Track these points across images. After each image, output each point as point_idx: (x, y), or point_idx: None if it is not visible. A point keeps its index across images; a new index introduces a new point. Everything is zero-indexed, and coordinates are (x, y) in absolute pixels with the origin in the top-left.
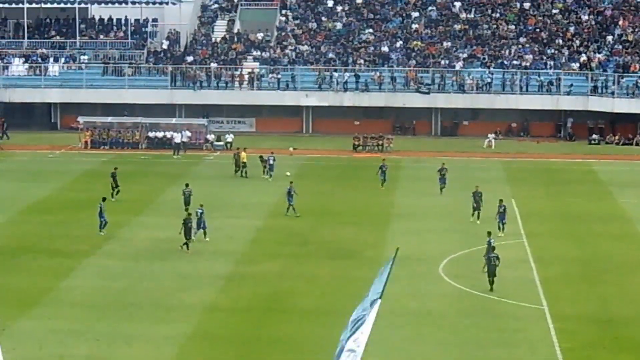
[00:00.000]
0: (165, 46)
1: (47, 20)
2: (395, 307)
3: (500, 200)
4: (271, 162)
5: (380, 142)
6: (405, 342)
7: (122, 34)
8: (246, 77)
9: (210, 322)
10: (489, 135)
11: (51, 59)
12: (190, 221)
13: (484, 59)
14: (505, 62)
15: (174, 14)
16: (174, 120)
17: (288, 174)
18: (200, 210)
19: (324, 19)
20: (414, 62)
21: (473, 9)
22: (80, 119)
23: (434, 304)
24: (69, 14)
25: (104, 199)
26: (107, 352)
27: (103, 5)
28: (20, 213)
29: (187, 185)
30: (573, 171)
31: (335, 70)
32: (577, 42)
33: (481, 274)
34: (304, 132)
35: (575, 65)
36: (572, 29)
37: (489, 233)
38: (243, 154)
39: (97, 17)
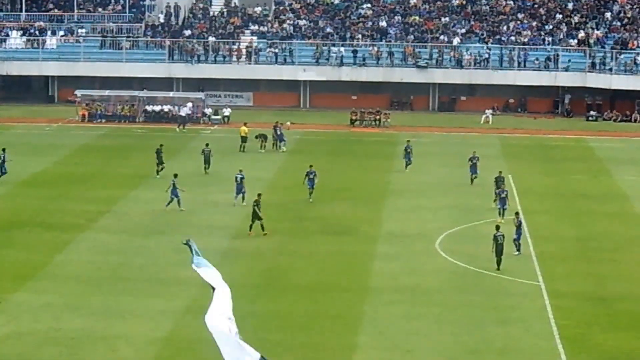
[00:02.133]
0: (162, 20)
1: None
2: (391, 283)
3: (503, 185)
4: (279, 132)
5: (378, 117)
6: (400, 318)
7: (120, 7)
8: (244, 51)
9: (205, 297)
10: (487, 111)
11: (49, 32)
12: (259, 204)
13: (482, 34)
14: (503, 38)
15: None
16: (171, 94)
17: (284, 149)
18: (241, 176)
19: None
20: (412, 37)
21: None
22: (78, 92)
23: (430, 280)
24: None
25: (175, 175)
26: (102, 326)
27: None
28: (16, 186)
29: (207, 145)
30: (570, 148)
31: (333, 45)
32: (576, 18)
33: (479, 250)
34: (301, 106)
35: (574, 42)
36: (570, 5)
37: (517, 214)
38: (243, 128)
39: None
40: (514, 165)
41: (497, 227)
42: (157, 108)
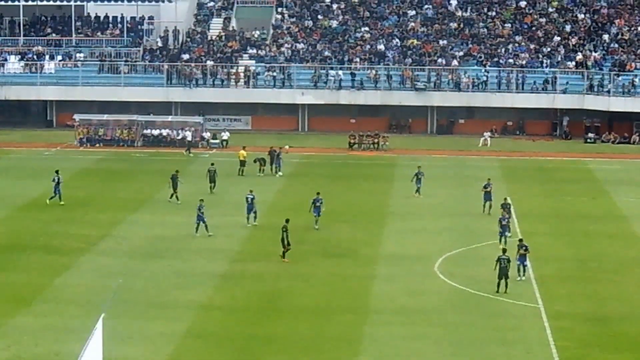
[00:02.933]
0: (160, 44)
1: (43, 17)
2: (391, 305)
3: (504, 212)
4: (277, 157)
5: (376, 140)
6: (400, 340)
7: (118, 31)
8: (242, 75)
9: (205, 321)
10: (485, 133)
11: (47, 57)
12: (287, 229)
13: (480, 57)
14: (501, 61)
15: (169, 11)
16: (170, 118)
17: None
18: (251, 196)
19: (320, 17)
20: (409, 60)
21: (469, 7)
22: (76, 117)
23: (429, 302)
24: (65, 12)
25: (201, 200)
26: (103, 349)
27: (99, 2)
28: (16, 210)
29: (212, 164)
30: (569, 170)
31: (332, 68)
32: (573, 40)
33: (478, 272)
34: (299, 130)
35: (571, 64)
36: (568, 28)
37: (521, 240)
38: (242, 152)
39: (93, 15)
40: (513, 188)
41: (504, 251)
42: (156, 132)
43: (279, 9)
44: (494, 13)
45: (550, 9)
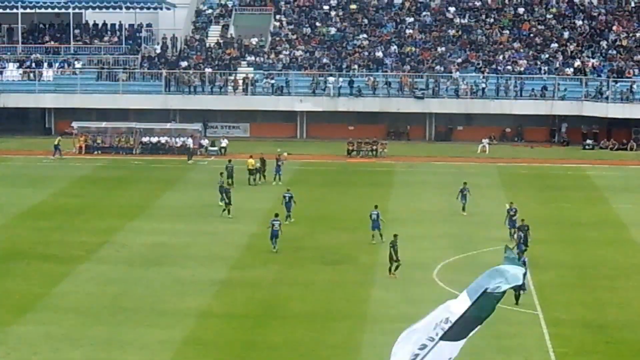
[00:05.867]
0: (159, 51)
1: (41, 25)
2: (390, 312)
3: (518, 230)
4: (279, 164)
5: (375, 147)
6: None
7: (116, 39)
8: (240, 82)
9: (204, 328)
10: (483, 140)
11: (45, 64)
12: (395, 244)
13: (478, 64)
14: (500, 68)
15: (168, 19)
16: (168, 125)
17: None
18: (289, 195)
19: (318, 24)
20: (408, 67)
21: (467, 14)
22: (75, 124)
23: (428, 309)
24: (63, 19)
25: (276, 215)
26: (102, 357)
27: (97, 10)
28: (15, 218)
29: (229, 161)
30: (567, 176)
31: (330, 75)
32: (572, 47)
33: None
34: (298, 137)
35: (570, 71)
36: (566, 34)
37: (523, 252)
38: (250, 161)
39: (91, 22)
40: (512, 195)
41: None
42: (154, 139)
43: (277, 16)
44: (492, 20)
45: (548, 16)
